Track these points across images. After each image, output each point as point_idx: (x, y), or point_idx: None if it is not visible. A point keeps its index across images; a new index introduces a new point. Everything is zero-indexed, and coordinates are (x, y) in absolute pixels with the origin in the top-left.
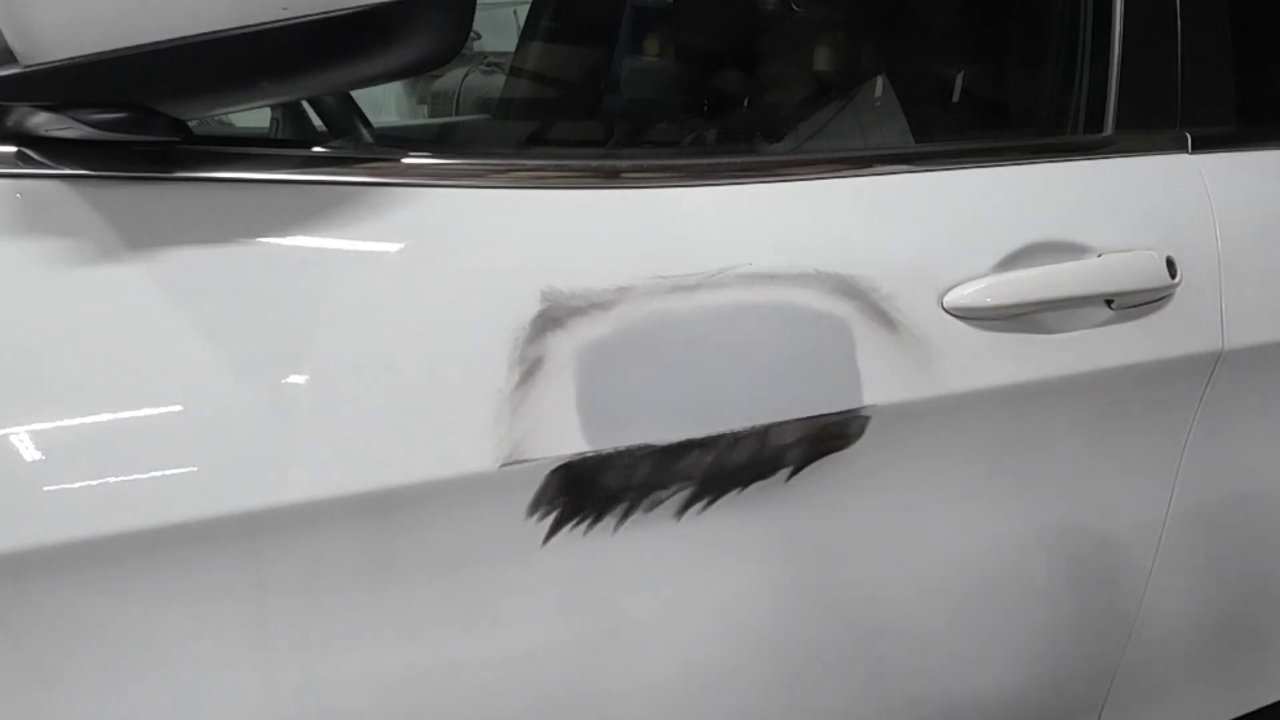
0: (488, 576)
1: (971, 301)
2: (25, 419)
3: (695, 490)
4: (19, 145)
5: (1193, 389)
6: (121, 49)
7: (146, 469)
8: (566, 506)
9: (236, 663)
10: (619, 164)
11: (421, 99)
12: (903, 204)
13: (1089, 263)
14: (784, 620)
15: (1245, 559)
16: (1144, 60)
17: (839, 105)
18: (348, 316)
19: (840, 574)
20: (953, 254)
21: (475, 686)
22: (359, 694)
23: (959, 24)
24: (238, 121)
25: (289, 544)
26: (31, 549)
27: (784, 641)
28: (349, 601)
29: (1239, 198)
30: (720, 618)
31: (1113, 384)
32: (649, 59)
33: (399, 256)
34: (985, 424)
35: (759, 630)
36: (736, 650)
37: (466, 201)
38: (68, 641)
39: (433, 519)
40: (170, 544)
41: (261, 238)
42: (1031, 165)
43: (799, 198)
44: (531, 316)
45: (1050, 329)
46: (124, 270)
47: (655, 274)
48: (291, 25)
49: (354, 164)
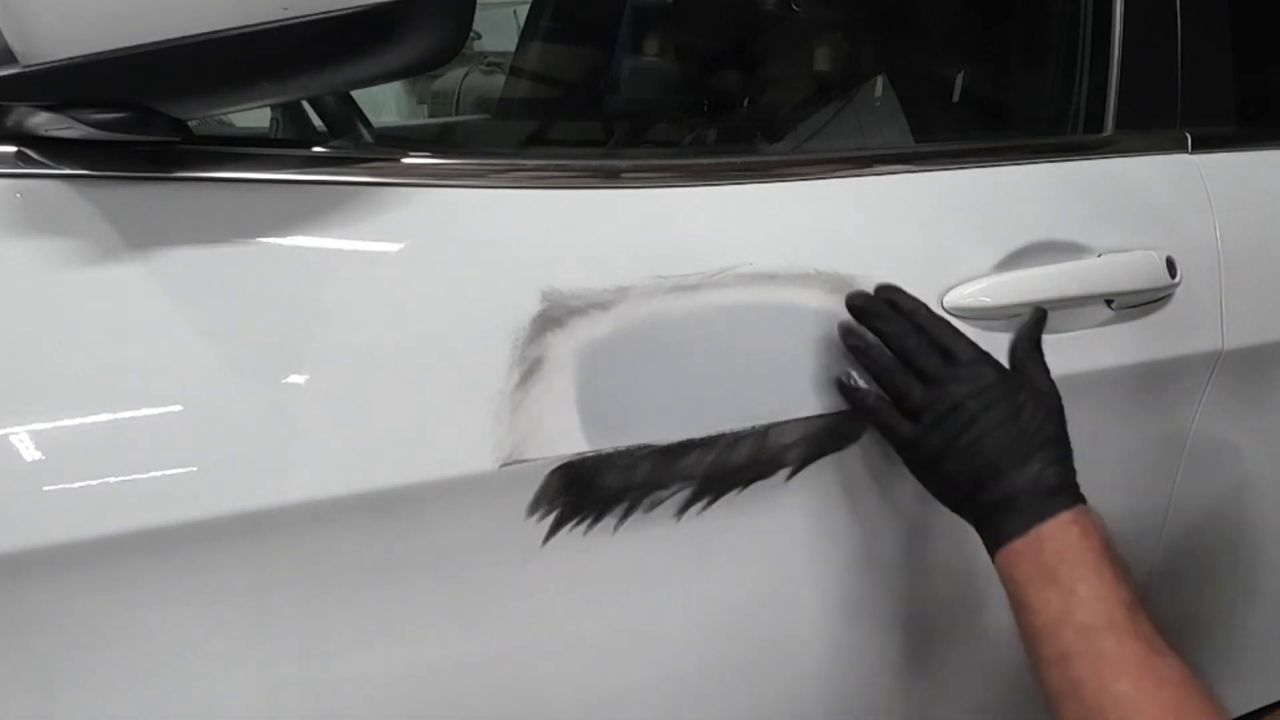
0: (488, 576)
1: (971, 301)
2: (25, 419)
3: (695, 490)
4: (19, 145)
5: (1193, 389)
6: (121, 49)
7: (146, 469)
8: (566, 506)
9: (236, 662)
10: (619, 164)
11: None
12: (903, 204)
13: (1089, 263)
14: (784, 620)
15: (1246, 559)
16: (1144, 60)
17: (839, 105)
18: (348, 316)
19: (840, 574)
20: (953, 254)
21: (475, 686)
22: (359, 694)
23: (959, 24)
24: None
25: (289, 544)
26: (31, 549)
27: (784, 641)
28: (349, 601)
29: (1239, 198)
30: (720, 618)
31: (1113, 384)
32: (649, 59)
33: (399, 256)
34: None
35: (759, 630)
36: (736, 650)
37: (466, 201)
38: (68, 641)
39: (433, 519)
40: (170, 544)
41: (261, 238)
42: (1031, 165)
43: (799, 198)
44: (531, 316)
45: (1050, 329)
46: (124, 270)
47: (655, 274)
48: (292, 25)
49: (354, 164)
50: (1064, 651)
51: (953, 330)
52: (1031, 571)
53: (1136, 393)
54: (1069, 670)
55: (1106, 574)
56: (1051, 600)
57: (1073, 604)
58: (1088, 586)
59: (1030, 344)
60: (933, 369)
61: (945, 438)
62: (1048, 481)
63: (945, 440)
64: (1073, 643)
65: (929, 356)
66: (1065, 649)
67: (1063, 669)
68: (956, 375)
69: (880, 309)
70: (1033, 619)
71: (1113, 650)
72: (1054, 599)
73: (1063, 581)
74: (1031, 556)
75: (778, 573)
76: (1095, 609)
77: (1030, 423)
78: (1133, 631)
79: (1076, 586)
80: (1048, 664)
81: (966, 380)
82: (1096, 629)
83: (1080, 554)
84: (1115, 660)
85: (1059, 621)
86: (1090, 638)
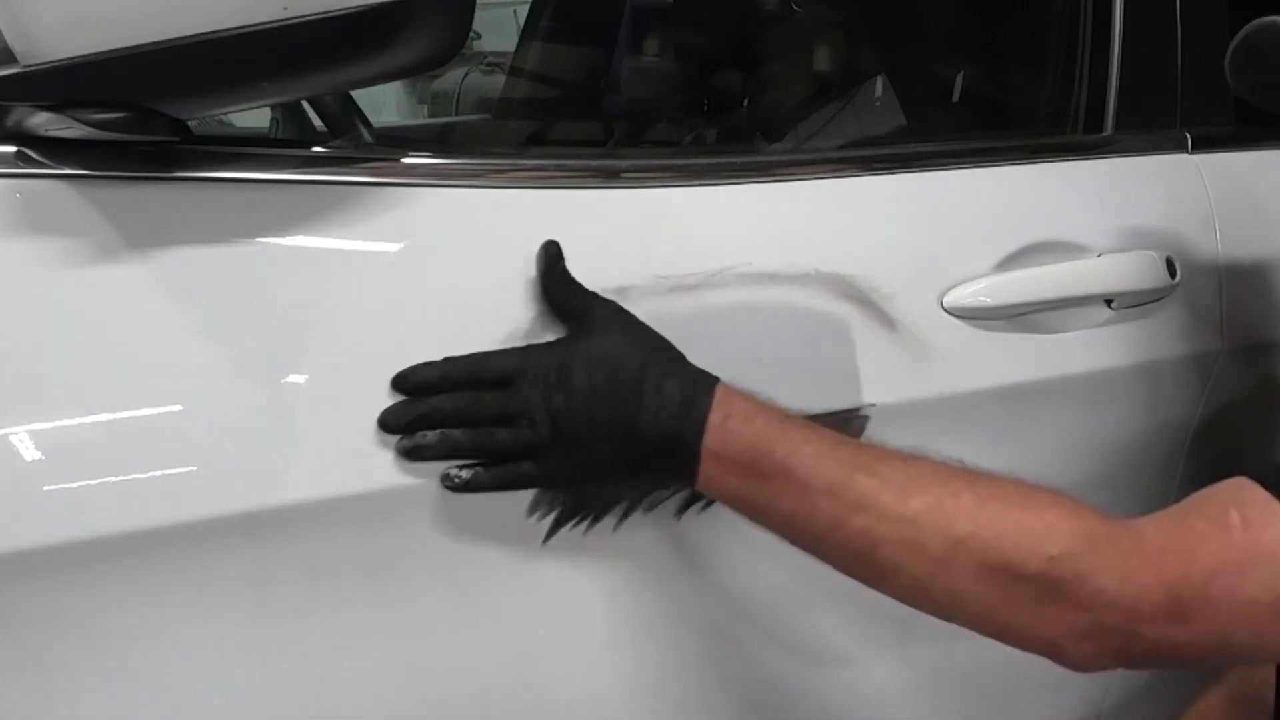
0: (488, 576)
1: (971, 301)
2: (25, 419)
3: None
4: (19, 145)
5: (1193, 389)
6: (121, 49)
7: (146, 469)
8: (566, 506)
9: (236, 662)
10: (619, 164)
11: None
12: (903, 204)
13: (1089, 263)
14: (784, 620)
15: None
16: (1144, 60)
17: (839, 105)
18: (348, 316)
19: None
20: (953, 254)
21: (475, 686)
22: (359, 694)
23: (959, 24)
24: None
25: (289, 544)
26: (31, 549)
27: (784, 641)
28: (349, 601)
29: (1239, 198)
30: (720, 617)
31: (1113, 384)
32: (649, 59)
33: (399, 256)
34: (985, 424)
35: (759, 630)
36: (736, 650)
37: (466, 201)
38: (68, 641)
39: (432, 519)
40: (170, 544)
41: (261, 238)
42: (1031, 165)
43: (799, 198)
44: (531, 316)
45: (1050, 329)
46: (124, 270)
47: (655, 274)
48: (292, 25)
49: (354, 164)
50: (835, 519)
51: (480, 359)
52: (736, 483)
53: (1136, 393)
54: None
55: (792, 432)
56: (778, 488)
57: (799, 480)
58: (797, 457)
59: (560, 280)
60: (496, 407)
61: (562, 447)
62: (672, 403)
63: (564, 449)
64: (834, 510)
65: (486, 400)
66: (833, 519)
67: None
68: (518, 393)
69: (413, 407)
70: (773, 516)
71: (871, 485)
72: (775, 485)
73: (771, 470)
74: (722, 471)
75: (777, 572)
76: (819, 468)
77: (606, 370)
78: (859, 459)
79: (790, 460)
80: (839, 546)
81: (524, 388)
82: (840, 483)
83: (755, 437)
84: (883, 493)
85: (805, 500)
86: (841, 494)
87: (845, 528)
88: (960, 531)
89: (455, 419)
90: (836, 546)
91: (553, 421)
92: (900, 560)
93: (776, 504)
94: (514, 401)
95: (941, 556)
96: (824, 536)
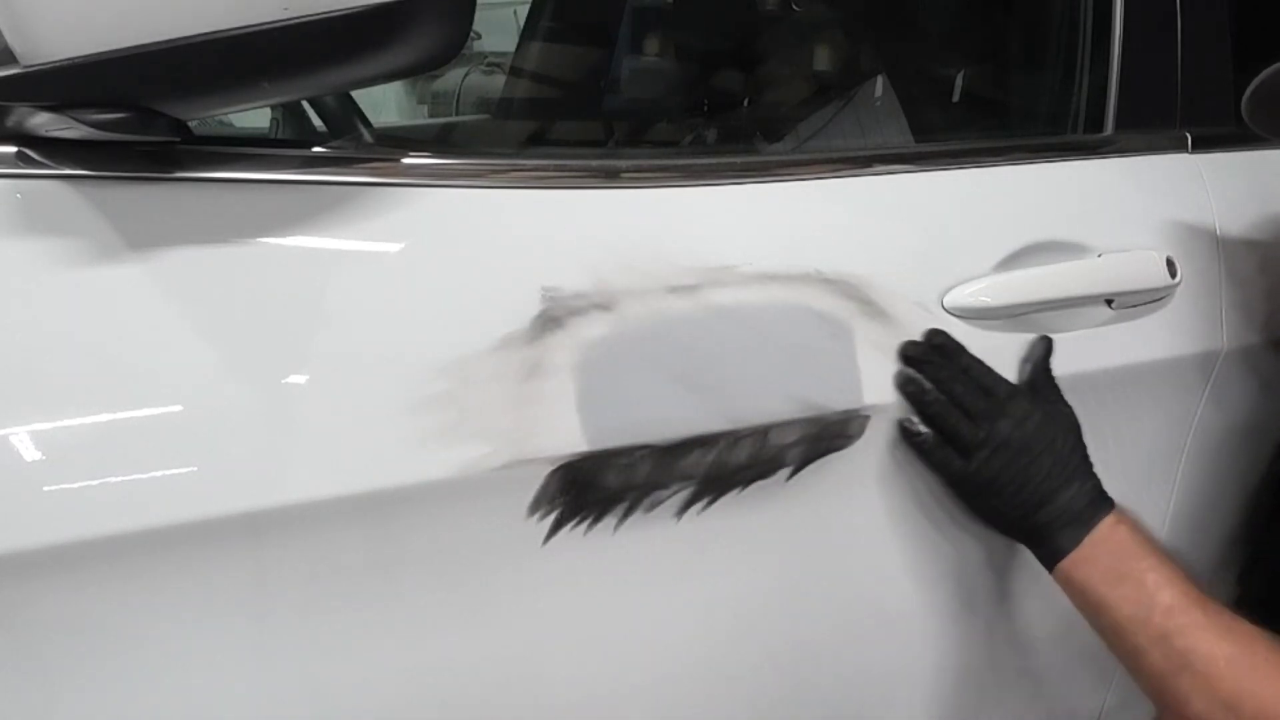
0: (488, 576)
1: (971, 301)
2: (25, 419)
3: (695, 490)
4: (19, 145)
5: (1193, 389)
6: (121, 49)
7: (146, 469)
8: (566, 506)
9: (236, 662)
10: (619, 164)
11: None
12: (903, 204)
13: (1089, 263)
14: (784, 620)
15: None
16: (1144, 60)
17: (839, 105)
18: (348, 316)
19: (841, 574)
20: (953, 254)
21: (475, 686)
22: (359, 693)
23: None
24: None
25: (289, 544)
26: (31, 549)
27: (784, 641)
28: (349, 601)
29: (1239, 198)
30: (721, 618)
31: (1113, 384)
32: (649, 59)
33: (399, 256)
34: None
35: (759, 630)
36: (736, 650)
37: (466, 201)
38: (68, 641)
39: (433, 519)
40: (170, 544)
41: (261, 238)
42: (1031, 165)
43: (799, 198)
44: (531, 316)
45: (1050, 329)
46: (124, 270)
47: (655, 274)
48: (292, 25)
49: (354, 164)
50: (1159, 633)
51: (989, 370)
52: (1097, 574)
53: (1136, 393)
54: (1171, 647)
55: (1164, 559)
56: (1127, 593)
57: (1148, 591)
58: (1155, 574)
59: (1046, 372)
60: (979, 408)
61: (995, 470)
62: (1088, 495)
63: (995, 473)
64: (1163, 623)
65: (975, 398)
66: (1159, 630)
67: (1163, 648)
68: (1000, 412)
69: (930, 356)
70: (1113, 614)
71: (1205, 619)
72: (1128, 591)
73: (1130, 575)
74: (1093, 562)
75: (778, 572)
76: (1171, 590)
77: (1064, 447)
78: (1207, 603)
79: (1145, 576)
80: (1144, 649)
81: (1009, 416)
82: (1181, 607)
83: (1134, 548)
84: (1212, 627)
85: (1143, 609)
86: (1179, 615)
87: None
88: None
89: (948, 388)
90: (1139, 652)
91: (1004, 450)
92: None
93: (1120, 604)
94: (990, 411)
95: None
96: (1139, 646)
